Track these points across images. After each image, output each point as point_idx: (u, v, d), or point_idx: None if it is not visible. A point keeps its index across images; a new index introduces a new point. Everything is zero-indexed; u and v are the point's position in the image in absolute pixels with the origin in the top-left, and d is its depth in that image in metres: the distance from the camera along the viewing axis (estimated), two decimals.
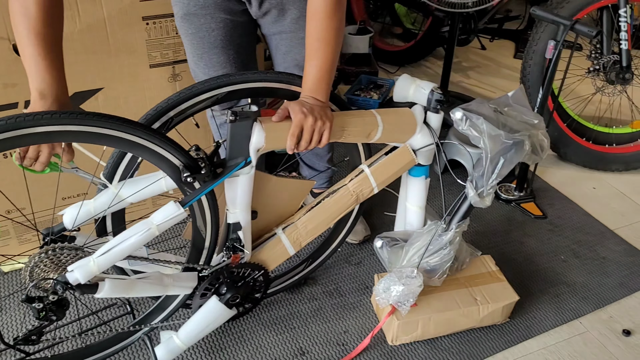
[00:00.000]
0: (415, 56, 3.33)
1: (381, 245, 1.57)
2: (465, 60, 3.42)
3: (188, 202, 1.18)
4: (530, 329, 1.61)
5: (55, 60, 1.11)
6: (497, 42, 3.62)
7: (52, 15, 1.10)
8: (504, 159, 1.38)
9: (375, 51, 3.26)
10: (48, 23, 1.09)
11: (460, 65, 3.35)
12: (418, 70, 3.28)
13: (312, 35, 1.24)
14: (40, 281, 1.13)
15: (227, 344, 1.55)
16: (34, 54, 1.08)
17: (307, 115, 1.20)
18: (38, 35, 1.08)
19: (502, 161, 1.38)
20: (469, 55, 3.48)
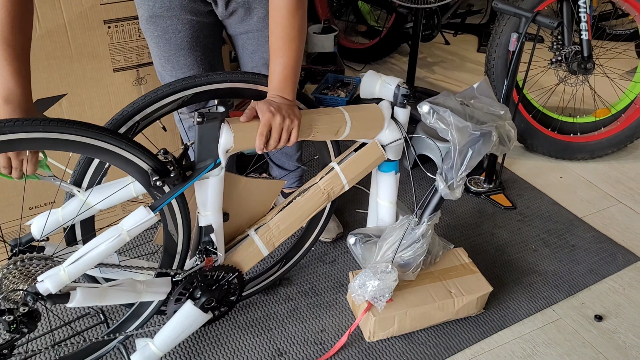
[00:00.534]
0: (381, 53, 3.36)
1: (354, 242, 1.58)
2: (429, 55, 3.46)
3: (158, 206, 1.17)
4: (504, 319, 1.64)
5: (22, 67, 1.09)
6: (460, 37, 3.67)
7: (20, 21, 1.08)
8: (472, 150, 1.40)
9: (340, 49, 3.28)
10: (16, 30, 1.07)
11: (425, 60, 3.39)
12: (384, 67, 3.30)
13: (275, 34, 1.23)
14: (10, 293, 1.10)
15: (204, 348, 1.53)
16: (0, 60, 1.06)
17: (274, 114, 1.19)
18: (4, 41, 1.06)
19: (470, 153, 1.40)
20: (434, 51, 3.52)
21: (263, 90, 1.31)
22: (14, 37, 1.07)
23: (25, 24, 1.10)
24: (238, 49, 1.56)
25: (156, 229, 1.88)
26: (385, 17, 3.36)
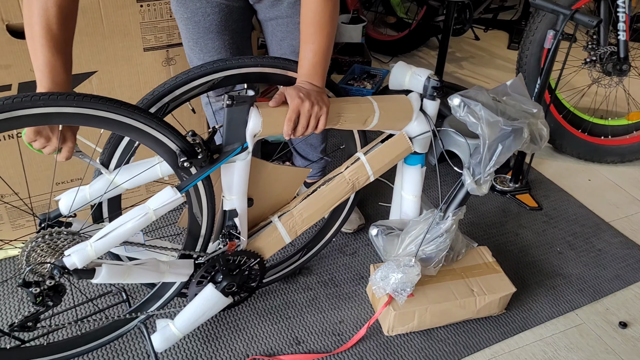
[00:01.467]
0: (409, 46, 3.32)
1: (376, 234, 1.56)
2: (458, 50, 3.41)
3: (185, 187, 1.17)
4: (526, 320, 1.62)
5: (66, 62, 1.11)
6: (490, 33, 3.61)
7: (68, 17, 1.09)
8: (502, 146, 1.37)
9: (368, 41, 3.25)
10: (63, 25, 1.08)
11: (453, 55, 3.34)
12: (411, 61, 3.27)
13: (307, 19, 1.22)
14: (37, 265, 1.11)
15: (222, 332, 1.53)
16: (47, 55, 1.07)
17: (304, 100, 1.18)
18: (53, 37, 1.07)
19: (500, 148, 1.37)
20: (463, 46, 3.47)
21: (292, 76, 1.30)
22: (61, 33, 1.08)
23: (72, 20, 1.12)
24: (267, 35, 1.55)
25: (180, 211, 1.88)
26: (415, 10, 3.32)
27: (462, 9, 2.77)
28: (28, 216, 1.70)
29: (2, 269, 1.68)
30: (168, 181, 1.28)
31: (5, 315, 1.54)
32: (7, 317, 1.54)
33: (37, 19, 1.06)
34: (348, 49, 3.06)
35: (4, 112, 0.93)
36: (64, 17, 1.08)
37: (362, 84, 2.80)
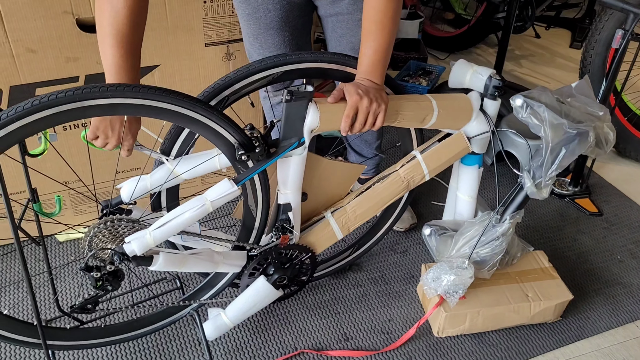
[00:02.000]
0: (466, 43, 3.26)
1: (430, 233, 1.54)
2: (518, 48, 3.32)
3: (241, 180, 1.18)
4: (583, 329, 1.56)
5: (134, 63, 1.14)
6: (552, 31, 3.50)
7: (138, 19, 1.12)
8: (566, 149, 1.33)
9: (425, 37, 3.21)
10: (133, 27, 1.11)
11: (512, 53, 3.26)
12: (469, 58, 3.19)
13: (369, 16, 1.21)
14: (99, 251, 1.15)
15: (272, 324, 1.55)
16: (116, 56, 1.11)
17: (362, 97, 1.18)
18: (123, 38, 1.10)
19: (563, 152, 1.33)
20: (522, 44, 3.37)
21: (352, 72, 1.30)
22: (131, 34, 1.11)
23: (142, 22, 1.14)
24: (327, 31, 1.55)
25: (235, 203, 1.92)
26: (474, 6, 3.25)
27: (524, 6, 2.69)
28: (89, 202, 1.77)
29: (63, 251, 1.76)
30: (225, 173, 1.31)
31: (66, 296, 1.61)
32: (67, 299, 1.60)
33: (107, 21, 1.09)
34: (404, 45, 3.03)
35: (73, 102, 0.97)
36: (134, 19, 1.11)
37: (417, 81, 2.76)
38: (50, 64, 1.48)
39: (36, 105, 0.95)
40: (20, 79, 1.48)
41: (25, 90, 1.49)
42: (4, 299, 1.59)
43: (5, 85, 1.47)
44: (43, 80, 1.50)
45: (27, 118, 0.95)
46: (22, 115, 0.95)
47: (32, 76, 1.49)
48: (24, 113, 0.94)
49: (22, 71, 1.47)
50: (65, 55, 1.48)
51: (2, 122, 0.94)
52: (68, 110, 0.97)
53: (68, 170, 1.62)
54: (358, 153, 1.87)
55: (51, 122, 0.98)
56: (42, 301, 1.58)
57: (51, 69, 1.50)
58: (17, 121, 0.95)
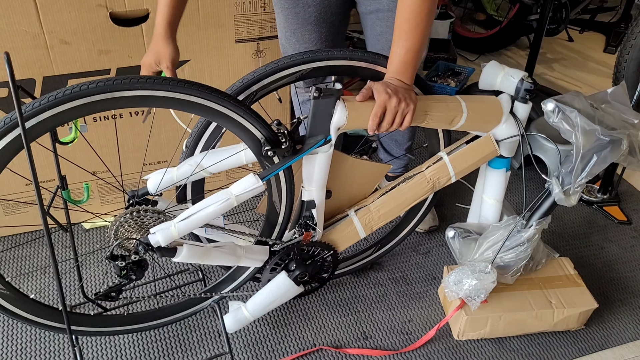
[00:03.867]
0: (497, 45, 3.21)
1: (453, 236, 1.53)
2: (550, 51, 3.26)
3: (267, 175, 1.19)
4: (607, 339, 1.54)
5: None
6: (586, 34, 3.42)
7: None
8: (597, 156, 1.30)
9: (455, 37, 3.17)
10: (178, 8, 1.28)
11: (544, 56, 3.20)
12: (499, 60, 3.10)
13: (402, 15, 1.20)
14: (124, 241, 1.17)
15: (291, 320, 1.56)
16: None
17: (391, 96, 1.17)
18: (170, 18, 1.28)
19: (594, 159, 1.30)
20: (554, 47, 3.31)
21: (381, 71, 1.29)
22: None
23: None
24: (366, 29, 1.54)
25: (259, 198, 1.93)
26: (506, 7, 3.21)
27: (558, 8, 2.65)
28: (116, 192, 1.80)
29: (89, 238, 1.79)
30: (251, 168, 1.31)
31: (91, 283, 1.64)
32: (92, 286, 1.63)
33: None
34: (434, 45, 3.01)
35: (104, 93, 0.99)
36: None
37: (445, 81, 2.74)
38: (82, 56, 1.51)
39: (68, 95, 0.97)
40: (54, 70, 1.51)
41: (57, 81, 1.53)
42: (30, 283, 1.63)
43: (39, 75, 1.51)
44: (75, 72, 1.53)
45: (59, 107, 0.97)
46: (54, 104, 0.97)
47: (64, 67, 1.52)
48: (57, 102, 0.97)
49: (55, 62, 1.50)
50: (97, 48, 1.51)
51: (35, 111, 0.96)
52: (99, 101, 0.99)
53: (96, 160, 1.65)
54: (387, 151, 1.86)
55: (82, 112, 1.00)
56: (67, 287, 1.61)
57: (83, 61, 1.52)
58: (49, 110, 0.97)
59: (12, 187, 1.66)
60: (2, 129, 0.97)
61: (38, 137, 1.01)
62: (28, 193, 1.69)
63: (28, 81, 1.50)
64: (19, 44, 1.44)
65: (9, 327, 1.49)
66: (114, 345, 1.47)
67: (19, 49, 1.44)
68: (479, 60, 3.11)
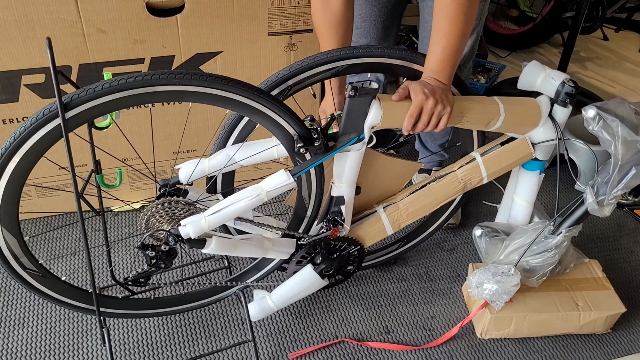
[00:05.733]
0: (530, 41, 3.16)
1: (480, 235, 1.52)
2: (583, 50, 3.20)
3: (298, 172, 1.20)
4: (633, 344, 1.52)
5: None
6: (621, 34, 3.34)
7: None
8: (637, 169, 1.27)
9: (486, 33, 3.12)
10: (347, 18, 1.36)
11: (577, 55, 3.14)
12: (531, 57, 3.11)
13: (439, 12, 1.19)
14: (155, 232, 1.19)
15: (314, 311, 1.58)
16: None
17: (428, 97, 1.16)
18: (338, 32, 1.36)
19: (633, 172, 1.27)
20: (589, 45, 3.25)
21: (418, 69, 1.29)
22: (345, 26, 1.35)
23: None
24: (421, 16, 1.55)
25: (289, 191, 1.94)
26: (540, 4, 3.15)
27: (594, 6, 2.59)
28: (145, 179, 1.83)
29: (118, 222, 1.82)
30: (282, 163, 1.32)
31: (119, 266, 1.68)
32: (120, 269, 1.67)
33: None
34: None
35: (142, 87, 1.00)
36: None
37: (475, 78, 2.71)
38: (118, 44, 1.53)
39: (107, 89, 0.99)
40: (90, 58, 1.53)
41: (93, 69, 1.55)
42: (62, 266, 1.67)
43: (75, 62, 1.53)
44: (110, 60, 1.55)
45: (98, 99, 0.99)
46: (94, 97, 0.99)
47: (100, 55, 1.54)
48: (96, 95, 0.99)
49: (91, 50, 1.52)
50: (133, 37, 1.53)
51: (75, 103, 0.99)
52: (137, 95, 1.01)
53: (127, 147, 1.68)
54: (423, 144, 1.86)
55: (120, 105, 1.02)
56: (96, 270, 1.65)
57: (119, 50, 1.54)
58: (88, 102, 0.99)
59: (45, 171, 1.70)
60: (43, 119, 1.00)
61: (75, 128, 1.03)
62: (60, 177, 1.72)
63: (64, 68, 1.52)
64: (57, 32, 1.46)
65: (39, 308, 1.53)
66: (140, 328, 1.50)
67: (57, 37, 1.47)
68: (510, 57, 3.07)
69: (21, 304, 1.54)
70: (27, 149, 1.02)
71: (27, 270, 1.20)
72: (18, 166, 1.03)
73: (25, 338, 1.46)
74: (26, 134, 1.00)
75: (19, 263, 1.18)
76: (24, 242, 1.16)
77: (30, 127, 1.00)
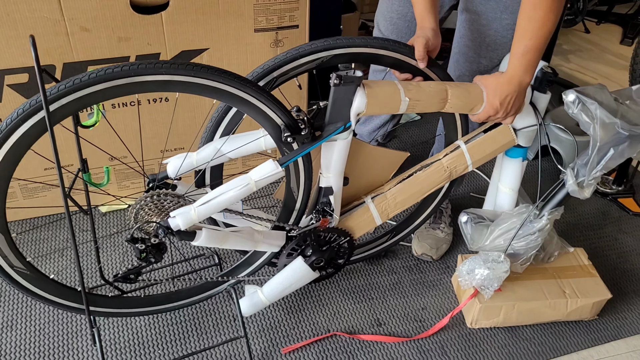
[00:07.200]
0: None
1: (466, 221, 1.52)
2: (566, 42, 3.24)
3: (286, 161, 1.20)
4: (620, 329, 1.54)
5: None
6: (603, 26, 3.39)
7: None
8: (615, 150, 1.30)
9: None
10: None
11: (560, 47, 3.18)
12: None
13: (525, 14, 1.18)
14: (144, 224, 1.19)
15: (305, 306, 1.58)
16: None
17: (497, 112, 1.29)
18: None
19: (611, 153, 1.30)
20: (571, 38, 3.29)
21: (404, 59, 1.29)
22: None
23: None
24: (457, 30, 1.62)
25: (277, 184, 1.94)
26: None
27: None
28: (133, 178, 1.82)
29: (106, 222, 1.81)
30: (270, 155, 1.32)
31: (108, 266, 1.67)
32: (109, 268, 1.66)
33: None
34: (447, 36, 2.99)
35: (128, 77, 0.99)
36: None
37: None
38: (102, 43, 1.53)
39: (93, 78, 0.98)
40: (74, 57, 1.53)
41: (77, 68, 1.54)
42: (49, 265, 1.66)
43: (59, 62, 1.52)
44: (95, 59, 1.55)
45: (83, 90, 0.98)
46: (78, 88, 0.98)
47: (84, 54, 1.53)
48: (81, 85, 0.98)
49: (75, 49, 1.52)
50: (117, 35, 1.52)
51: (59, 94, 0.97)
52: (123, 85, 1.00)
53: (114, 146, 1.67)
54: None
55: (106, 96, 1.01)
56: (85, 269, 1.64)
57: (103, 48, 1.54)
58: (73, 93, 0.98)
59: (31, 172, 1.69)
60: (26, 112, 0.98)
61: (61, 121, 1.02)
62: (46, 177, 1.71)
63: (49, 67, 1.51)
64: (40, 31, 1.45)
65: (28, 309, 1.52)
66: (131, 327, 1.50)
67: (40, 35, 1.46)
68: None
69: (9, 306, 1.53)
70: (12, 144, 1.01)
71: (14, 269, 1.18)
72: (3, 161, 1.02)
73: (15, 340, 1.45)
74: (9, 129, 0.99)
75: (7, 261, 1.16)
76: (12, 239, 1.15)
77: (15, 121, 0.98)
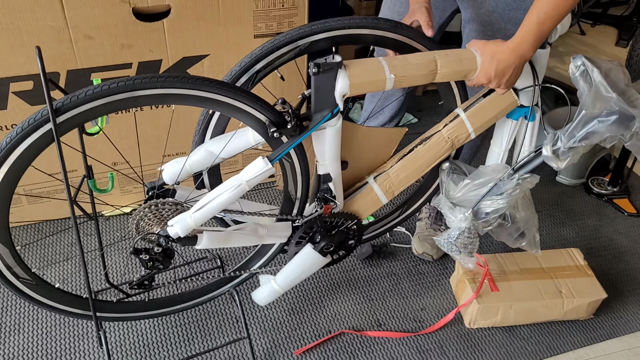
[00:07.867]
0: None
1: (445, 169, 1.47)
2: (561, 44, 3.27)
3: (275, 157, 1.18)
4: (615, 328, 1.57)
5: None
6: (598, 28, 3.42)
7: None
8: (600, 123, 1.21)
9: None
10: None
11: (556, 50, 3.21)
12: None
13: None
14: (145, 235, 1.20)
15: (307, 307, 1.61)
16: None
17: (491, 81, 1.23)
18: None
19: (595, 125, 1.20)
20: (567, 40, 3.31)
21: (384, 35, 1.26)
22: None
23: None
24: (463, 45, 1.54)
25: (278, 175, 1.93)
26: None
27: None
28: (136, 183, 1.84)
29: (110, 226, 1.84)
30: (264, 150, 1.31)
31: (112, 270, 1.69)
32: (114, 273, 1.69)
33: None
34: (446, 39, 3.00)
35: (125, 92, 1.02)
36: None
37: None
38: (105, 50, 1.55)
39: (89, 95, 1.00)
40: (77, 64, 1.55)
41: (81, 75, 1.57)
42: (54, 272, 1.68)
43: (63, 69, 1.55)
44: (98, 66, 1.57)
45: (85, 105, 1.01)
46: (82, 102, 1.00)
47: (88, 61, 1.56)
48: (84, 100, 1.00)
49: (79, 56, 1.54)
50: (120, 43, 1.55)
51: (64, 108, 1.00)
52: (121, 100, 1.02)
53: (116, 152, 1.69)
54: None
55: (107, 110, 1.03)
56: (89, 274, 1.66)
57: (106, 55, 1.56)
58: (76, 107, 1.00)
59: (35, 178, 1.71)
60: (34, 124, 1.00)
61: (66, 133, 1.04)
62: (50, 184, 1.73)
63: (53, 74, 1.54)
64: (44, 39, 1.48)
65: (34, 313, 1.55)
66: (136, 329, 1.52)
67: (44, 43, 1.48)
68: None
69: (16, 310, 1.55)
70: (17, 156, 1.02)
71: (20, 280, 1.19)
72: (7, 174, 1.03)
73: (22, 344, 1.47)
74: (16, 140, 1.00)
75: (12, 273, 1.18)
76: (16, 251, 1.16)
77: (22, 133, 1.00)
